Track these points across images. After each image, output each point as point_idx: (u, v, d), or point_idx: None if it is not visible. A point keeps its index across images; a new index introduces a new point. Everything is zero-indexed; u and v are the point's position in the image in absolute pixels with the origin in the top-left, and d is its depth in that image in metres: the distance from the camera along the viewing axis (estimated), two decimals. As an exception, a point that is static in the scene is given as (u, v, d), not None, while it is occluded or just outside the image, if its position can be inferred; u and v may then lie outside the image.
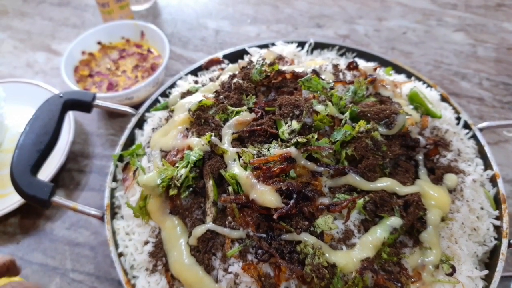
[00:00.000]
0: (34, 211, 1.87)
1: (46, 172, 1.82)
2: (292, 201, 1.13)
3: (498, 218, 1.35)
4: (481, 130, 1.52)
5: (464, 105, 2.12)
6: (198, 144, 1.28)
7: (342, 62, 1.66)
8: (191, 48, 2.51)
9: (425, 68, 2.29)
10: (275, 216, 1.11)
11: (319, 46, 1.86)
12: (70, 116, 2.00)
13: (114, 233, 1.39)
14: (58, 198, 1.38)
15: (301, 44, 1.84)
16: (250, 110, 1.36)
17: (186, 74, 1.77)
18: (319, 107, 1.30)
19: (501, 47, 2.41)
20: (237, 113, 1.34)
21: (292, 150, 1.19)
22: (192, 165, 1.25)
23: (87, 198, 1.91)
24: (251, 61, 1.55)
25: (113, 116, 2.16)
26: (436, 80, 2.22)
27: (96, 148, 2.06)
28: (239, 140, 1.31)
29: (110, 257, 1.34)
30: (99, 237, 1.79)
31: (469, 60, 2.34)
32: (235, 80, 1.44)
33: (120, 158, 1.53)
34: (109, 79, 2.17)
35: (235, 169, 1.21)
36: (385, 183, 1.23)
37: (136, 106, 1.71)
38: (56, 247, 1.78)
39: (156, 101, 1.69)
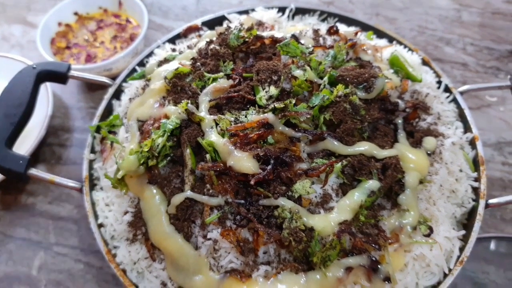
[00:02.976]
0: (15, 186, 1.85)
1: (26, 147, 1.79)
2: (269, 167, 1.12)
3: (477, 180, 1.36)
4: (461, 93, 1.52)
5: (448, 71, 2.10)
6: (174, 113, 1.26)
7: (323, 28, 1.63)
8: (171, 17, 2.45)
9: (410, 34, 2.27)
10: (252, 182, 1.10)
11: (300, 12, 1.81)
12: (48, 89, 1.96)
13: (93, 204, 1.38)
14: (35, 171, 1.36)
15: (282, 10, 1.79)
16: (228, 76, 1.34)
17: (164, 43, 1.72)
18: (297, 72, 1.27)
19: (486, 11, 2.39)
20: (214, 80, 1.31)
21: (270, 116, 1.18)
22: (168, 134, 1.23)
23: (69, 172, 1.89)
24: (229, 27, 1.51)
25: (93, 89, 2.11)
26: (420, 46, 2.20)
27: (76, 122, 2.03)
28: (217, 108, 1.29)
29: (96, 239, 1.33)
30: (82, 211, 1.77)
31: (454, 25, 2.31)
32: (212, 46, 1.41)
33: (98, 129, 1.50)
34: (87, 51, 2.11)
35: (212, 136, 1.19)
36: (363, 147, 1.22)
37: (116, 78, 1.67)
38: (38, 222, 1.77)
39: (134, 70, 1.65)
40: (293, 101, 1.20)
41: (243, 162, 1.13)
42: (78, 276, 1.62)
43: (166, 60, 1.51)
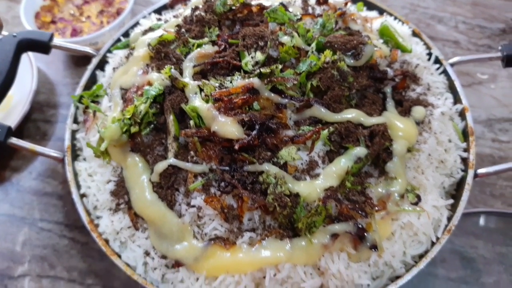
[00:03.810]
0: (-1, 162, 1.82)
1: (9, 122, 1.75)
2: (254, 132, 1.10)
3: (466, 150, 1.34)
4: (452, 65, 1.50)
5: (440, 48, 2.03)
6: (158, 79, 1.23)
7: (313, -1, 1.60)
8: (160, -7, 2.40)
9: (401, 12, 2.23)
10: (236, 147, 1.08)
11: (290, -16, 1.78)
12: (33, 64, 1.91)
13: (76, 175, 1.35)
14: (16, 140, 1.33)
15: (271, -18, 1.75)
16: (213, 43, 1.31)
17: (150, 13, 1.68)
18: (284, 39, 1.25)
19: (478, -10, 2.36)
20: (199, 45, 1.28)
21: (255, 81, 1.15)
22: (151, 101, 1.20)
23: (54, 148, 1.82)
24: (215, -6, 1.47)
25: (79, 65, 2.07)
26: (412, 23, 2.16)
27: (62, 98, 1.99)
28: (201, 74, 1.26)
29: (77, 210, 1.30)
30: (67, 187, 1.71)
31: (446, 4, 2.28)
32: (197, 12, 1.38)
33: (81, 100, 1.47)
34: (72, 25, 2.06)
35: (196, 102, 1.16)
36: (350, 114, 1.20)
37: (101, 51, 1.63)
38: (23, 198, 1.73)
39: (118, 41, 1.61)
40: (280, 67, 1.18)
41: (228, 127, 1.10)
42: (62, 251, 1.60)
43: (151, 29, 1.48)
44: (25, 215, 1.69)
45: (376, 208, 1.14)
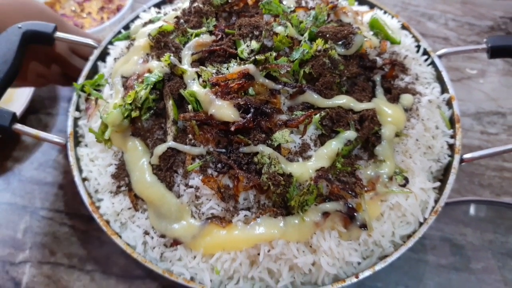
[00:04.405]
0: (1, 153, 1.86)
1: (11, 114, 1.80)
2: (249, 115, 1.15)
3: (453, 137, 1.40)
4: (440, 57, 1.55)
5: (430, 45, 2.12)
6: (158, 67, 1.29)
7: (306, -7, 1.65)
8: (159, -10, 2.46)
9: (393, 10, 2.25)
10: (232, 128, 1.13)
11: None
12: (35, 58, 1.96)
13: (78, 159, 1.40)
14: (20, 126, 1.37)
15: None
16: (211, 33, 1.36)
17: (150, 8, 1.74)
18: (279, 29, 1.31)
19: (468, -12, 2.43)
20: (197, 35, 1.34)
21: (250, 67, 1.21)
22: (151, 87, 1.26)
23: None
24: (212, -12, 1.53)
25: (80, 60, 2.12)
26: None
27: (63, 91, 2.04)
28: (199, 62, 1.32)
29: (79, 192, 1.34)
30: (68, 176, 1.79)
31: (436, 1, 2.36)
32: (195, 4, 1.44)
33: (83, 89, 1.52)
34: (74, 21, 2.12)
35: (194, 87, 1.22)
36: (341, 100, 1.26)
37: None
38: (24, 187, 1.78)
39: (119, 33, 1.66)
40: (274, 54, 1.23)
41: (224, 110, 1.15)
42: (63, 238, 1.64)
43: (151, 21, 1.53)
44: (26, 203, 1.73)
45: (366, 188, 1.20)
